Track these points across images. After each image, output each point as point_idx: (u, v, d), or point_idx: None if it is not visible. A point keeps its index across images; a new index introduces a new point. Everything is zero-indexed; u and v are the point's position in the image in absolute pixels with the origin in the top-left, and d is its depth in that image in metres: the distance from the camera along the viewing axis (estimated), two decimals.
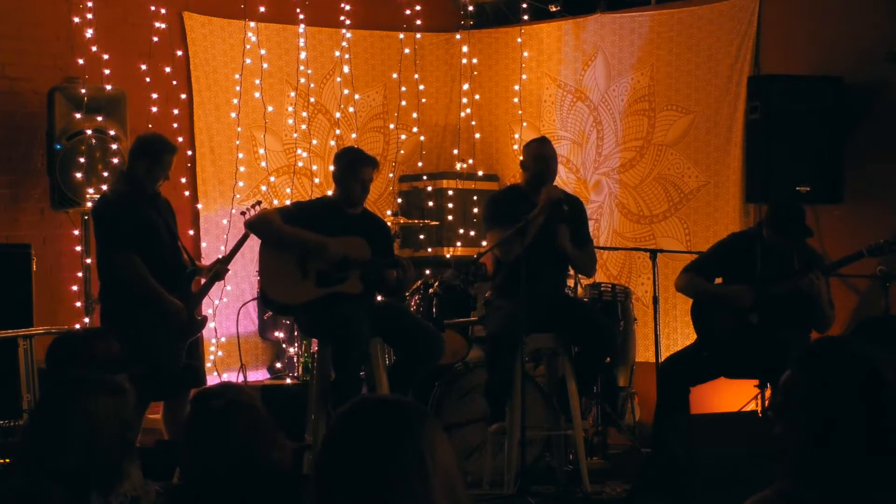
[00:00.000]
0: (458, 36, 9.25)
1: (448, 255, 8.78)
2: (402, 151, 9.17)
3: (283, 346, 8.14)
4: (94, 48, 7.69)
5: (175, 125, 8.09)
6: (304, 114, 8.72)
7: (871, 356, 2.21)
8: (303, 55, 8.70)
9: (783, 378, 2.25)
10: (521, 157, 6.62)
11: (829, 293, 6.18)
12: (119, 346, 3.40)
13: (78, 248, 7.56)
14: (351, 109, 8.93)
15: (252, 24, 8.45)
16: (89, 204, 7.19)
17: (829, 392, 2.18)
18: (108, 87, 7.55)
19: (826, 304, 6.12)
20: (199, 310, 6.45)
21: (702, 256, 6.61)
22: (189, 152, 8.24)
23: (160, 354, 6.10)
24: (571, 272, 7.14)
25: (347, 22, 8.87)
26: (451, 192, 8.88)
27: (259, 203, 6.94)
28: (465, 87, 9.18)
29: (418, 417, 2.01)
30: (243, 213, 6.75)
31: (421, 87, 9.16)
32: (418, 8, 9.02)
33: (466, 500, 2.02)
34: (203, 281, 6.50)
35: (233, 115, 8.42)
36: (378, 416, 2.01)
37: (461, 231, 8.89)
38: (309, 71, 8.74)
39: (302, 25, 8.70)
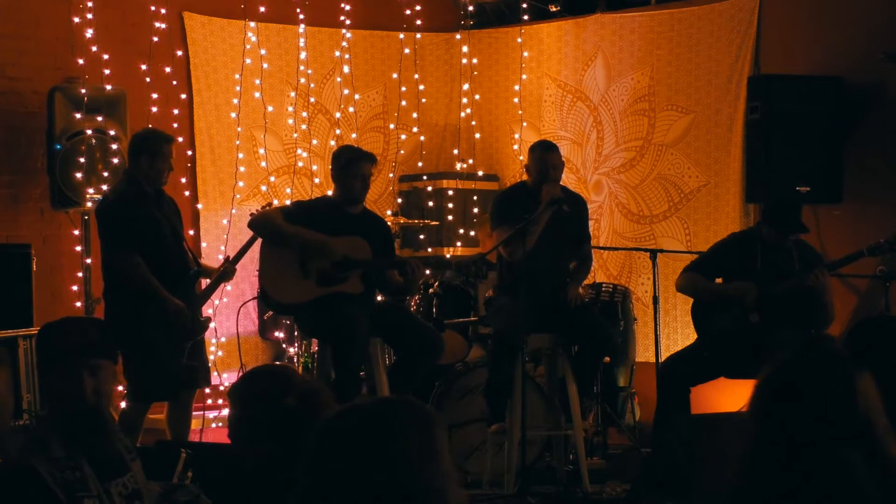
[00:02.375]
0: (458, 36, 9.25)
1: (448, 255, 8.78)
2: (402, 151, 9.17)
3: (283, 346, 8.14)
4: (94, 48, 7.69)
5: (175, 125, 8.08)
6: (304, 114, 8.72)
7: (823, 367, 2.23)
8: (303, 55, 8.70)
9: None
10: (526, 162, 6.63)
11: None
12: (98, 332, 3.37)
13: (78, 248, 7.55)
14: (351, 109, 8.93)
15: (252, 24, 8.44)
16: (89, 204, 7.19)
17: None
18: (108, 87, 7.55)
19: (830, 300, 6.14)
20: (201, 311, 6.44)
21: (702, 256, 6.61)
22: (189, 152, 8.24)
23: (161, 355, 6.09)
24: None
25: (347, 22, 8.87)
26: (451, 192, 8.88)
27: (270, 205, 6.90)
28: (465, 87, 9.18)
29: (406, 422, 2.00)
30: (252, 215, 6.73)
31: (421, 87, 9.16)
32: (418, 8, 9.02)
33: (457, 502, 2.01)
34: (208, 282, 6.49)
35: (233, 115, 8.42)
36: (361, 424, 2.01)
37: (461, 231, 8.89)
38: (309, 71, 8.74)
39: (302, 25, 8.70)
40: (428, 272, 7.89)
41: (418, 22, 9.04)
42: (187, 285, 6.27)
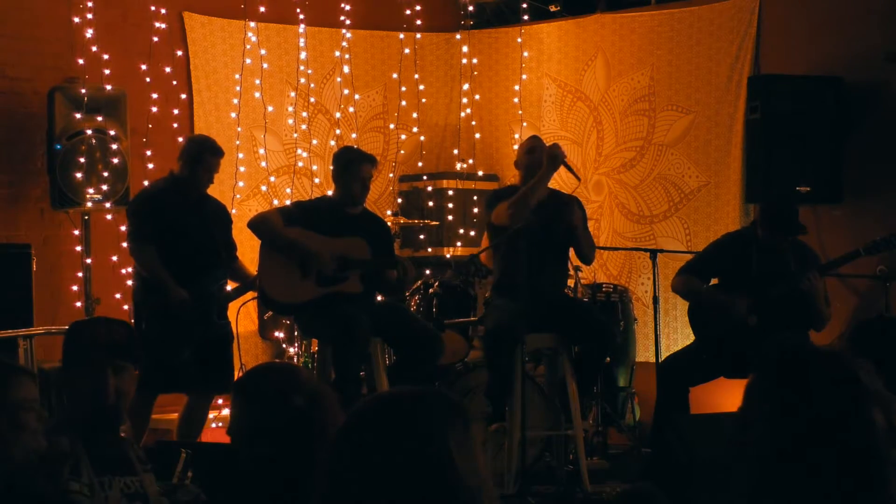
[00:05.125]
0: (458, 36, 9.25)
1: (448, 255, 8.78)
2: (402, 151, 9.17)
3: (283, 346, 8.14)
4: (94, 48, 7.69)
5: (175, 125, 8.09)
6: (304, 114, 8.72)
7: (852, 362, 2.14)
8: (303, 55, 8.70)
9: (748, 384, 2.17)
10: (515, 158, 6.66)
11: (826, 292, 6.19)
12: (126, 333, 3.41)
13: (78, 248, 7.55)
14: (351, 109, 8.93)
15: (252, 24, 8.44)
16: (89, 204, 7.22)
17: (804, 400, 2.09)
18: (108, 87, 7.55)
19: (823, 303, 6.12)
20: (224, 313, 6.55)
21: (697, 257, 6.60)
22: None
23: (160, 344, 6.15)
24: (571, 273, 7.15)
25: (347, 22, 8.87)
26: (451, 192, 8.88)
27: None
28: (465, 87, 9.18)
29: (444, 415, 1.93)
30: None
31: (421, 87, 9.16)
32: (418, 8, 9.02)
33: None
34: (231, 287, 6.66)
35: (233, 115, 8.42)
36: (398, 413, 1.93)
37: (461, 231, 8.89)
38: (309, 71, 8.73)
39: (302, 25, 8.69)
40: (428, 272, 7.90)
41: (418, 22, 9.04)
42: (205, 283, 6.34)
